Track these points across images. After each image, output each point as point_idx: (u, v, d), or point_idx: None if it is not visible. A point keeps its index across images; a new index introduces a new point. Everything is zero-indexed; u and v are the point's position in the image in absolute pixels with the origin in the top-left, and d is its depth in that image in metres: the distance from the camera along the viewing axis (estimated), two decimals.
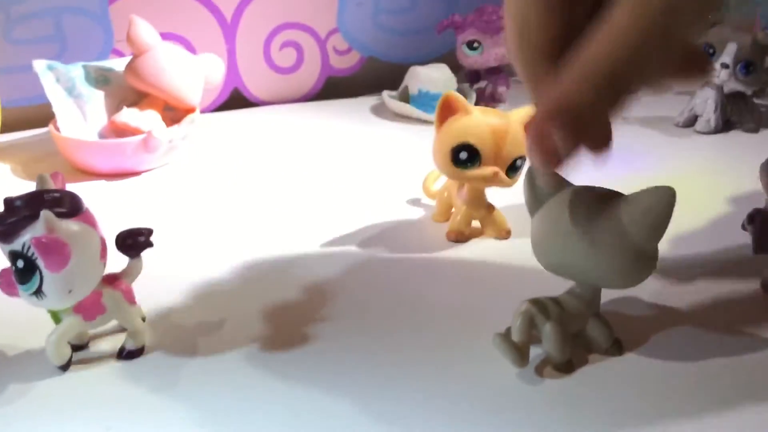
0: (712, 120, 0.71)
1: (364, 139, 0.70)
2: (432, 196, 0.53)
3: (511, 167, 0.46)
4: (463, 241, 0.49)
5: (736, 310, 0.40)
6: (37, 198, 0.33)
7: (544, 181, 0.35)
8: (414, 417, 0.32)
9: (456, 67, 0.78)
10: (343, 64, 0.84)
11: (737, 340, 0.38)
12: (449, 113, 0.46)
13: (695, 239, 0.48)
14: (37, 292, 0.32)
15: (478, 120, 0.45)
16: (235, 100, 0.79)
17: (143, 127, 0.60)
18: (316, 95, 0.83)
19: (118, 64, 0.64)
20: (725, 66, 0.69)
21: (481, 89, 0.78)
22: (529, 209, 0.36)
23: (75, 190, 0.35)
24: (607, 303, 0.39)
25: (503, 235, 0.49)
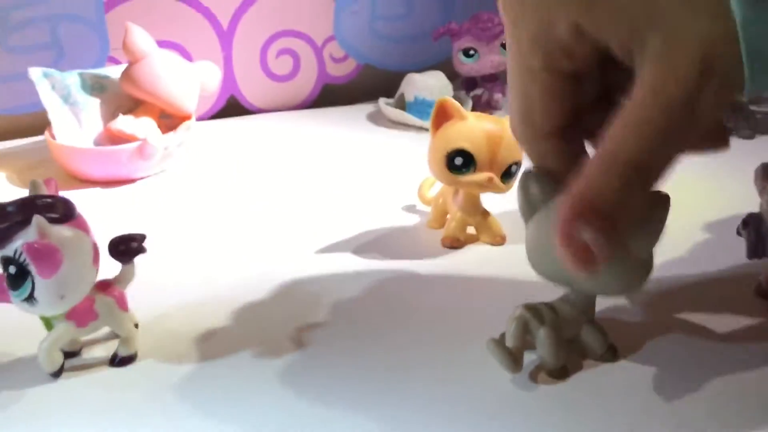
0: None
1: (360, 146, 0.70)
2: (427, 202, 0.53)
3: (506, 173, 0.46)
4: (458, 247, 0.49)
5: (731, 316, 0.40)
6: (29, 203, 0.33)
7: (538, 188, 0.35)
8: (408, 423, 0.32)
9: (452, 75, 0.78)
10: (340, 71, 0.84)
11: (732, 346, 0.38)
12: (444, 119, 0.46)
13: (690, 244, 0.48)
14: (29, 298, 0.32)
15: (473, 126, 0.45)
16: (232, 107, 0.79)
17: (139, 135, 0.59)
18: (313, 103, 0.83)
19: (114, 72, 0.64)
20: None
21: (477, 96, 0.78)
22: (524, 216, 0.36)
23: (70, 198, 0.34)
24: (602, 309, 0.39)
25: (498, 241, 0.49)
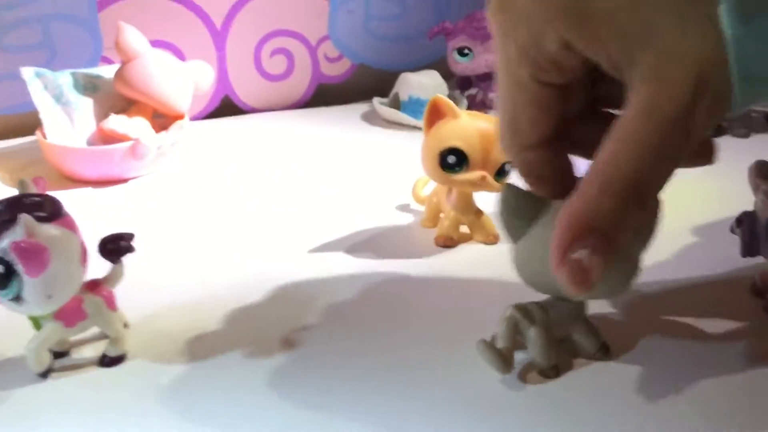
0: None
1: (354, 145, 0.70)
2: (421, 201, 0.53)
3: (500, 171, 0.45)
4: (451, 246, 0.49)
5: (725, 314, 0.40)
6: (16, 202, 0.32)
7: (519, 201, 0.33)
8: (399, 422, 0.32)
9: (447, 74, 0.78)
10: (334, 71, 0.84)
11: (725, 345, 0.37)
12: (437, 117, 0.46)
13: (684, 243, 0.48)
14: (17, 298, 0.32)
15: (466, 124, 0.45)
16: (226, 107, 0.78)
17: (131, 134, 0.59)
18: (307, 102, 0.83)
19: (107, 72, 0.64)
20: None
21: (472, 96, 0.78)
22: (510, 234, 0.34)
23: (62, 198, 0.34)
24: (595, 307, 0.39)
25: (492, 240, 0.49)
